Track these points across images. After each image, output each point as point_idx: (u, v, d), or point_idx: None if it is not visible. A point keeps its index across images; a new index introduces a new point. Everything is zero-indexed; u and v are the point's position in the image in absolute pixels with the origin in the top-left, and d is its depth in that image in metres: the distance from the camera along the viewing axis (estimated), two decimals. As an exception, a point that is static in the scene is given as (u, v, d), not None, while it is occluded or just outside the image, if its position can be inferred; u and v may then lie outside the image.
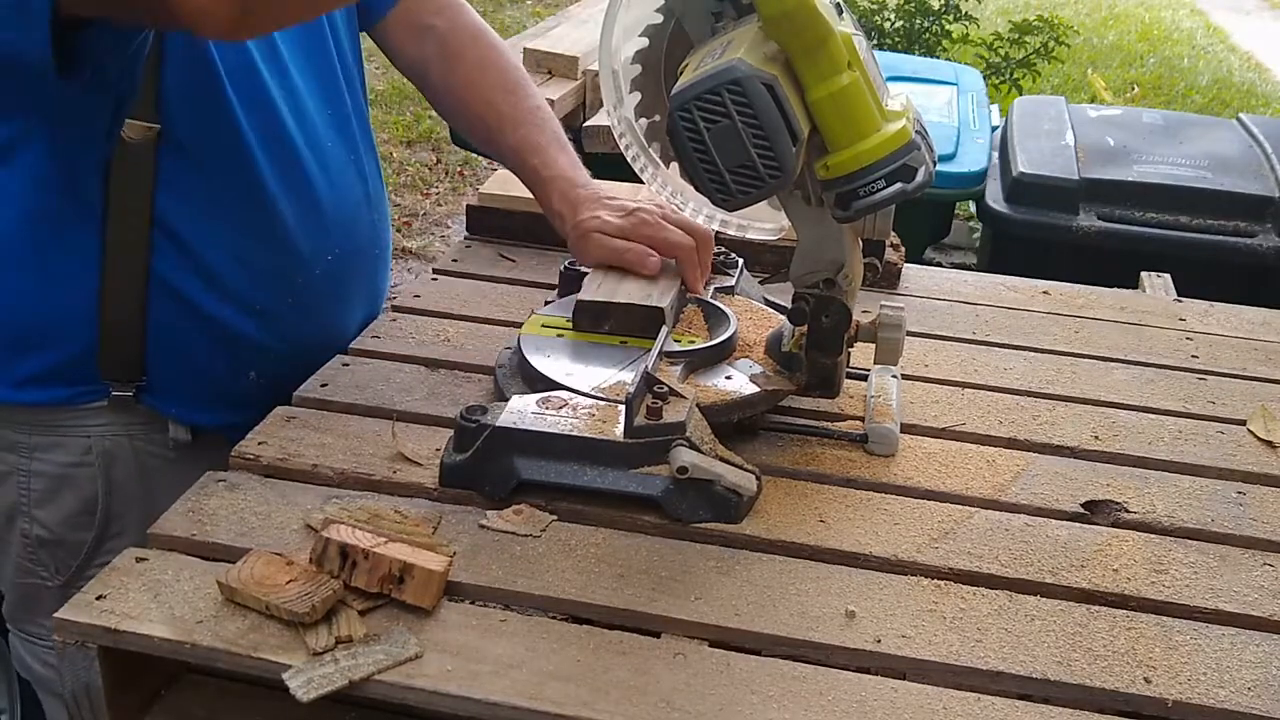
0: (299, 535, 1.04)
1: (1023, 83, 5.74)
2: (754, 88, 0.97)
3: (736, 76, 0.97)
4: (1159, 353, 1.52)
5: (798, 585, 1.02)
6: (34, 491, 1.35)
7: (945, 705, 0.90)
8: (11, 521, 1.37)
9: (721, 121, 0.98)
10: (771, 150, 0.98)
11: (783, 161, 0.98)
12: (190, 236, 1.28)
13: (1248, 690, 0.93)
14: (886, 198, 1.01)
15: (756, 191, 1.00)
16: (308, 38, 1.38)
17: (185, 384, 1.33)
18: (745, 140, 0.98)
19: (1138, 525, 1.14)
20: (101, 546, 1.37)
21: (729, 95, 0.97)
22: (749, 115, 0.97)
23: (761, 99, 0.97)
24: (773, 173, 0.99)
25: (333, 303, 1.41)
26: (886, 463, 1.21)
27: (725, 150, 0.99)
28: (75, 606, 0.94)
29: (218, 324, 1.31)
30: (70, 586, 1.35)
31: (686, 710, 0.88)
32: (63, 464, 1.34)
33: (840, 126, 1.01)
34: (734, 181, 1.00)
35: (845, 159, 1.01)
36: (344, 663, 0.89)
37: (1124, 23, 9.33)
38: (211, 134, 1.27)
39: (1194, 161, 3.39)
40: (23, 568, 1.39)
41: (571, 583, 1.00)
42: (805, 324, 1.19)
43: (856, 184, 1.01)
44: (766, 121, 0.97)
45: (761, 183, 0.99)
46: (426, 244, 4.86)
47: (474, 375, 1.34)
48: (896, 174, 1.00)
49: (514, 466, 1.09)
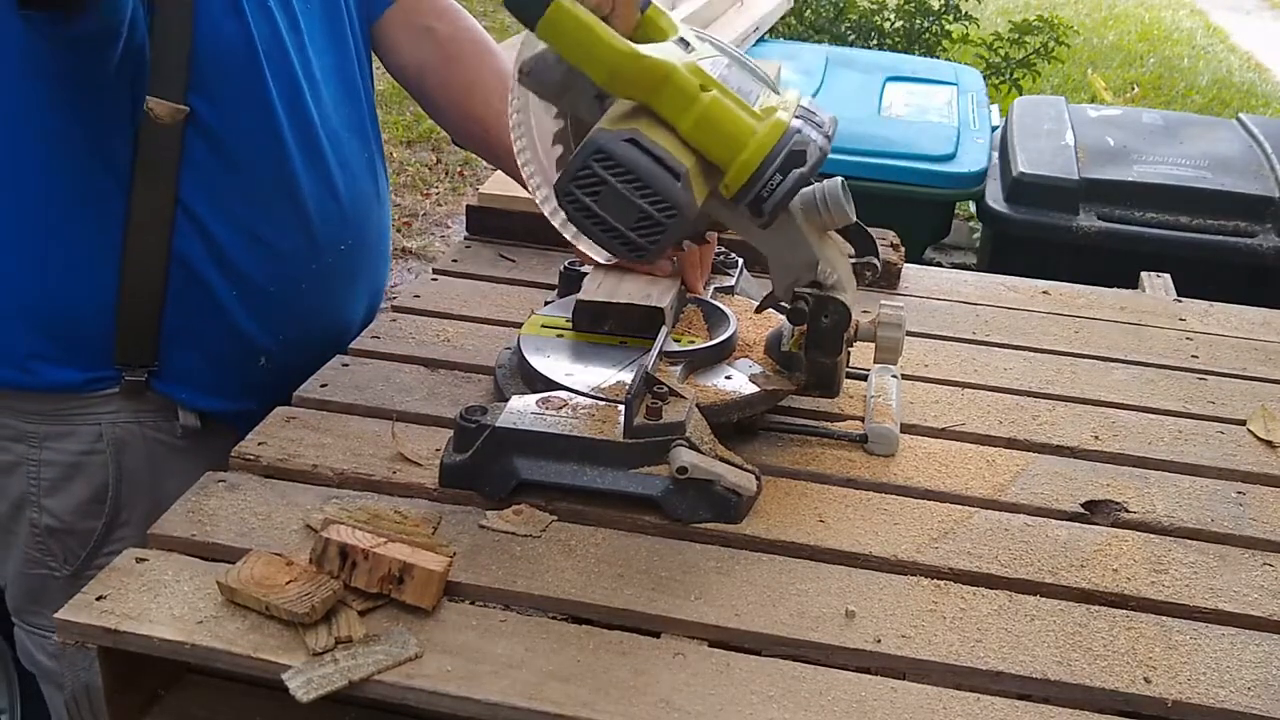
0: (299, 535, 1.04)
1: (1023, 83, 5.74)
2: (616, 148, 1.01)
3: (597, 145, 1.01)
4: (1159, 353, 1.52)
5: (797, 585, 1.02)
6: (44, 481, 1.36)
7: (945, 705, 0.90)
8: (19, 512, 1.38)
9: (602, 190, 1.02)
10: (658, 194, 1.01)
11: (673, 199, 1.01)
12: (210, 218, 1.30)
13: (1248, 690, 0.93)
14: (789, 188, 1.03)
15: (663, 236, 1.03)
16: (330, 31, 1.41)
17: (196, 370, 1.35)
18: (630, 196, 1.01)
19: (1138, 525, 1.14)
20: (110, 535, 1.38)
21: (597, 164, 1.01)
22: (622, 173, 1.01)
23: (627, 154, 1.01)
24: (669, 214, 1.02)
25: (341, 292, 1.44)
26: (886, 463, 1.21)
27: (618, 212, 1.02)
28: (75, 607, 0.94)
29: (231, 309, 1.33)
30: (79, 576, 1.37)
31: (686, 710, 0.88)
32: (74, 452, 1.35)
33: (719, 145, 1.04)
34: (640, 236, 1.03)
35: (736, 171, 1.04)
36: (344, 663, 0.89)
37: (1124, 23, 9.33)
38: (248, 118, 1.30)
39: (1194, 161, 3.39)
40: (30, 558, 1.40)
41: (571, 583, 1.00)
42: (805, 324, 1.19)
43: (756, 188, 1.04)
44: (641, 172, 1.01)
45: (662, 227, 1.02)
46: (426, 244, 4.86)
47: (474, 375, 1.34)
48: (788, 162, 1.03)
49: (514, 467, 1.09)
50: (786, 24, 5.62)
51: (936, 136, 3.55)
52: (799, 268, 1.16)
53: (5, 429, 1.35)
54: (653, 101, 1.03)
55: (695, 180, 1.03)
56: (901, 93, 4.02)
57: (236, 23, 1.27)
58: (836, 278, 1.16)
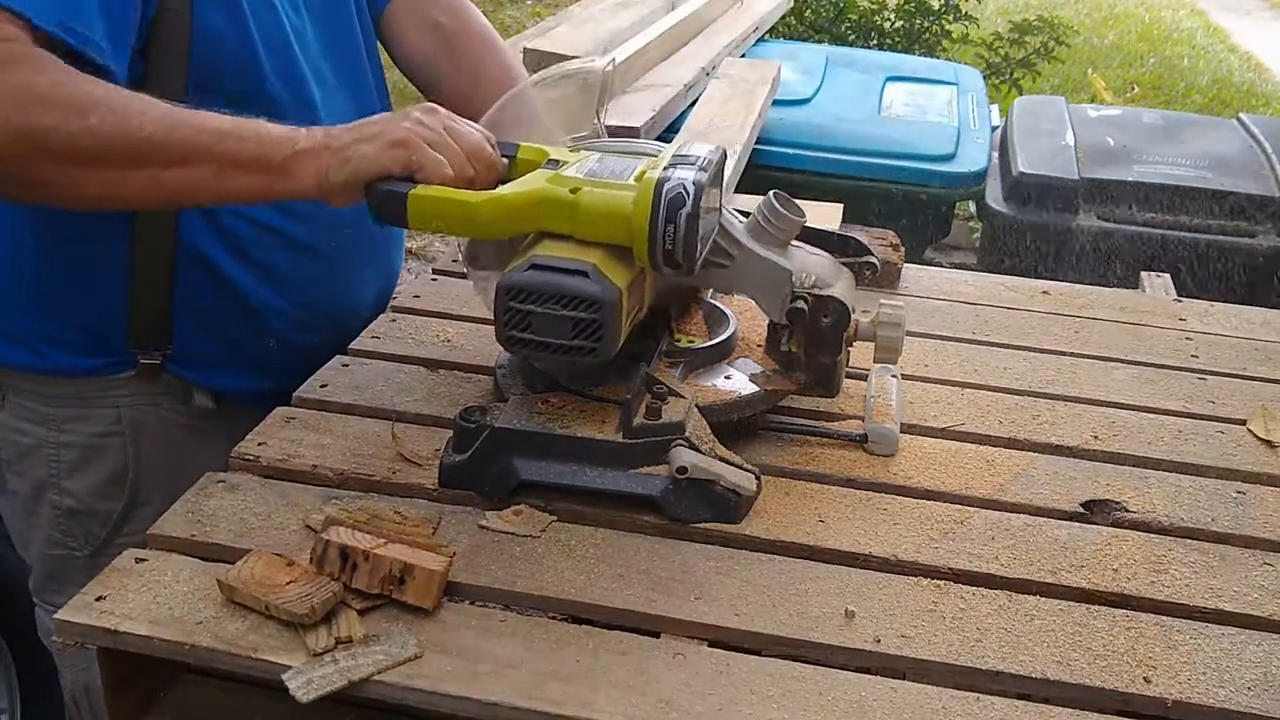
0: (299, 536, 1.04)
1: (1023, 83, 5.74)
2: (520, 279, 1.05)
3: (506, 285, 1.05)
4: (1159, 353, 1.52)
5: (797, 585, 1.02)
6: (63, 463, 1.38)
7: (945, 705, 0.90)
8: (41, 494, 1.40)
9: (531, 319, 1.05)
10: (575, 297, 1.04)
11: (589, 295, 1.04)
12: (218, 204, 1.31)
13: (1248, 690, 0.93)
14: (685, 230, 1.05)
15: (604, 331, 1.05)
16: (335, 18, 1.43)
17: (208, 352, 1.37)
18: (554, 312, 1.05)
19: (1137, 525, 1.14)
20: (130, 515, 1.41)
21: (513, 301, 1.05)
22: (536, 297, 1.05)
23: (532, 279, 1.05)
24: (594, 309, 1.04)
25: (350, 275, 1.45)
26: (886, 463, 1.21)
27: (554, 331, 1.05)
28: (75, 607, 0.94)
29: (241, 290, 1.35)
30: (99, 556, 1.40)
31: (686, 710, 0.88)
32: (92, 435, 1.37)
33: (609, 229, 1.07)
34: (584, 340, 1.05)
35: (636, 243, 1.06)
36: (343, 663, 0.89)
37: (1124, 23, 9.32)
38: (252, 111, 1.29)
39: (1194, 161, 3.39)
40: (52, 539, 1.43)
41: (571, 583, 1.00)
42: (805, 324, 1.19)
43: (659, 247, 1.05)
44: (550, 287, 1.04)
45: (598, 322, 1.04)
46: (426, 244, 4.85)
47: (474, 375, 1.34)
48: (672, 210, 1.04)
49: (514, 467, 1.09)
50: (786, 24, 5.62)
51: (936, 136, 3.55)
52: (778, 286, 1.17)
53: (26, 411, 1.38)
54: (541, 225, 1.08)
55: (610, 269, 1.06)
56: (901, 93, 4.02)
57: (233, 19, 1.27)
58: (814, 278, 1.17)
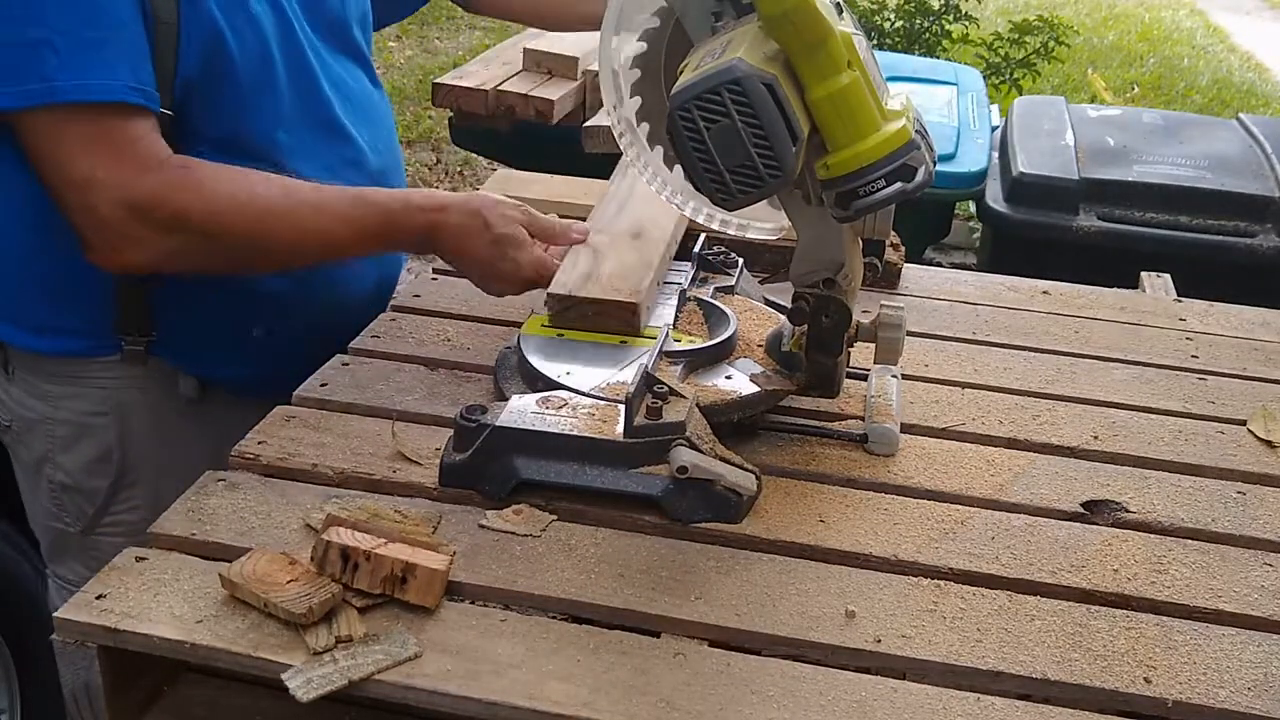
0: (299, 535, 1.04)
1: (1023, 83, 5.73)
2: (754, 87, 0.96)
3: (736, 76, 0.96)
4: (1159, 353, 1.52)
5: (798, 585, 1.02)
6: (58, 438, 1.42)
7: (945, 705, 0.90)
8: (40, 467, 1.44)
9: (721, 121, 0.98)
10: (771, 150, 0.98)
11: (783, 161, 0.98)
12: None
13: (1248, 690, 0.93)
14: (886, 197, 1.01)
15: (756, 191, 1.00)
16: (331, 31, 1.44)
17: (193, 338, 1.39)
18: (745, 140, 0.97)
19: (1138, 525, 1.14)
20: (116, 495, 1.43)
21: (729, 95, 0.97)
22: (749, 115, 0.97)
23: (761, 98, 0.97)
24: (773, 172, 0.98)
25: (340, 264, 1.43)
26: (886, 463, 1.21)
27: (725, 150, 0.98)
28: (75, 606, 0.94)
29: (225, 278, 1.35)
30: (89, 534, 1.44)
31: (686, 710, 0.88)
32: (83, 413, 1.40)
33: (840, 126, 1.00)
34: (734, 181, 1.00)
35: (845, 159, 1.01)
36: (343, 663, 0.89)
37: (1124, 23, 9.32)
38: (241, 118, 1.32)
39: (1194, 161, 3.38)
40: (49, 512, 1.47)
41: (571, 582, 1.00)
42: (805, 323, 1.19)
43: (856, 184, 1.01)
44: (766, 121, 0.97)
45: (761, 182, 0.99)
46: (426, 244, 4.85)
47: (474, 375, 1.34)
48: (896, 173, 1.00)
49: (514, 466, 1.09)
50: (787, 24, 5.60)
51: (936, 136, 3.49)
52: (825, 264, 1.15)
53: (29, 386, 1.41)
54: (798, 57, 0.99)
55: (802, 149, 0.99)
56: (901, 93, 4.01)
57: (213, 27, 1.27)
58: (851, 285, 1.16)
